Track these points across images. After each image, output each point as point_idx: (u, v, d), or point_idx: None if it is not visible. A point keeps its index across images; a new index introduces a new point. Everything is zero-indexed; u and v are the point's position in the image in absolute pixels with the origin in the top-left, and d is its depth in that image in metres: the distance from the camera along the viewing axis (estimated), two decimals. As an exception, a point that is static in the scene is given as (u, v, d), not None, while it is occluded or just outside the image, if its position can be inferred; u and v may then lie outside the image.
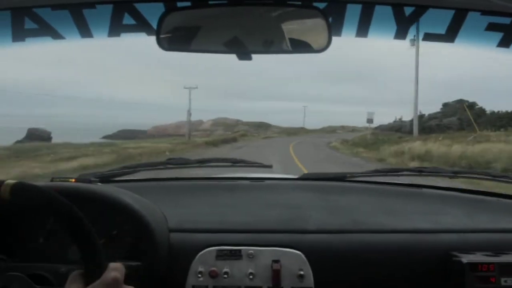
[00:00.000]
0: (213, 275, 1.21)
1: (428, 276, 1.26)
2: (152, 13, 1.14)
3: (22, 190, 0.76)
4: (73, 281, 0.76)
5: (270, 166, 1.97)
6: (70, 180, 1.61)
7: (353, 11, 1.13)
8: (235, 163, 1.90)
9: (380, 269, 1.26)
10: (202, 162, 1.86)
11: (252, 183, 1.78)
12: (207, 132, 60.47)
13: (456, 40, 1.16)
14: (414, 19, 1.13)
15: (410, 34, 1.18)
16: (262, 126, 70.82)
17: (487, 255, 1.22)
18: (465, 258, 1.19)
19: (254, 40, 1.13)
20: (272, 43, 1.14)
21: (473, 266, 1.17)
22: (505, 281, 1.16)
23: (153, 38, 1.14)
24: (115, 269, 0.76)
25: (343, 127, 70.45)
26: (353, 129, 61.11)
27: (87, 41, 1.25)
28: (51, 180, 1.56)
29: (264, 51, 1.14)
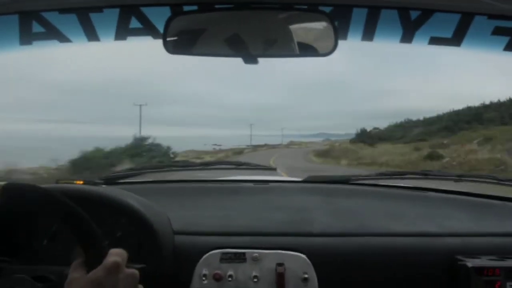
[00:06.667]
0: (217, 278, 1.21)
1: (433, 280, 1.25)
2: (159, 17, 1.15)
3: (10, 190, 0.76)
4: (75, 269, 0.77)
5: (274, 169, 1.97)
6: (75, 182, 1.62)
7: (359, 15, 1.13)
8: (239, 165, 1.90)
9: (385, 272, 1.26)
10: (206, 165, 1.86)
11: (256, 186, 1.78)
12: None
13: (463, 44, 1.16)
14: (420, 22, 1.13)
15: (416, 38, 1.18)
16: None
17: (492, 260, 1.21)
18: (471, 263, 1.19)
19: (260, 44, 1.13)
20: (279, 47, 1.14)
21: (479, 270, 1.17)
22: (511, 286, 1.15)
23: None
24: (116, 254, 0.77)
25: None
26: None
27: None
28: (56, 182, 1.57)
29: (270, 55, 1.14)
